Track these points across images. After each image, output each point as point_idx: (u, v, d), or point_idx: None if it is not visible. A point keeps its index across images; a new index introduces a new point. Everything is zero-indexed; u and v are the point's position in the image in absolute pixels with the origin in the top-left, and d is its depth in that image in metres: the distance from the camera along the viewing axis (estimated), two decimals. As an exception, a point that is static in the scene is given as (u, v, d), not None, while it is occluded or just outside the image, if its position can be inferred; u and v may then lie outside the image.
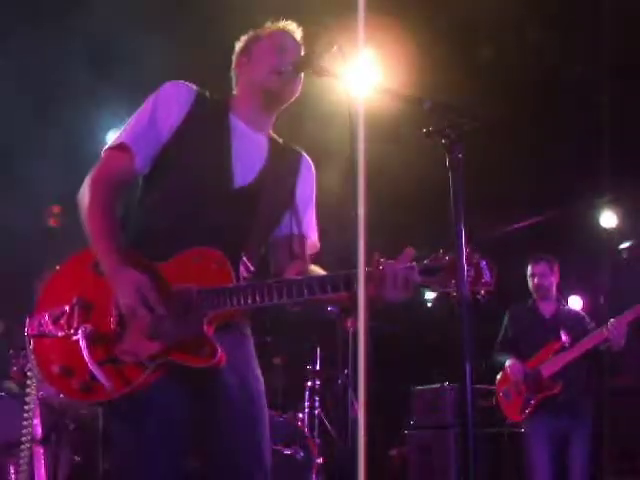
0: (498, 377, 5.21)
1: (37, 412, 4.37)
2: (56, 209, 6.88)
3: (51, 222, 6.89)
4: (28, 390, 4.07)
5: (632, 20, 5.15)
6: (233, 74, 2.52)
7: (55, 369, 2.14)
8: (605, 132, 6.20)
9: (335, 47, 2.28)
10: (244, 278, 2.31)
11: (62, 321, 2.16)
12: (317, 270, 2.40)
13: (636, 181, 6.66)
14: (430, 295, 9.53)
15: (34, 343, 2.20)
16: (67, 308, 2.16)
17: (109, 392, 2.07)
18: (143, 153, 2.28)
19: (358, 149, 2.10)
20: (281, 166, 2.42)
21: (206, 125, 2.32)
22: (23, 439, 4.03)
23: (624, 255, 7.67)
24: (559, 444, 4.93)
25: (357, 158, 2.10)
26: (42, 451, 4.38)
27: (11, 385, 4.98)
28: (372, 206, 2.03)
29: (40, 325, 2.19)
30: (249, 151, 2.36)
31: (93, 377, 2.06)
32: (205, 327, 2.10)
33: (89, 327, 2.12)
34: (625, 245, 7.71)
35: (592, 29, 5.27)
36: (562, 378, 4.91)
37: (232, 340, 2.24)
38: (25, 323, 2.27)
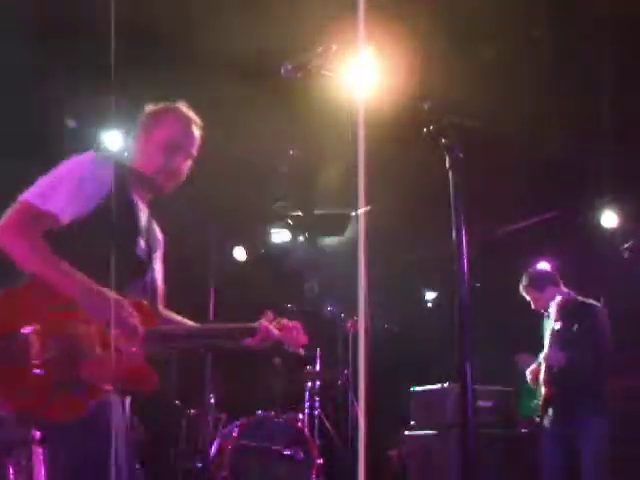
0: None
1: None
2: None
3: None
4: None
5: (633, 20, 5.14)
6: (132, 140, 2.81)
7: None
8: (606, 131, 6.19)
9: (335, 47, 2.28)
10: None
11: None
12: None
13: (636, 181, 6.65)
14: (430, 295, 9.53)
15: None
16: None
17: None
18: (67, 218, 2.51)
19: (359, 149, 2.10)
20: (154, 235, 2.86)
21: (119, 204, 2.59)
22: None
23: (624, 255, 7.67)
24: (567, 445, 4.87)
25: (358, 158, 2.10)
26: (42, 451, 4.37)
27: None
28: (372, 206, 2.03)
29: None
30: (145, 226, 2.78)
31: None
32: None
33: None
34: (625, 245, 7.71)
35: (593, 28, 5.26)
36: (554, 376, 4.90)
37: None
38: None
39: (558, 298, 5.01)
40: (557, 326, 4.97)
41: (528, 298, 5.24)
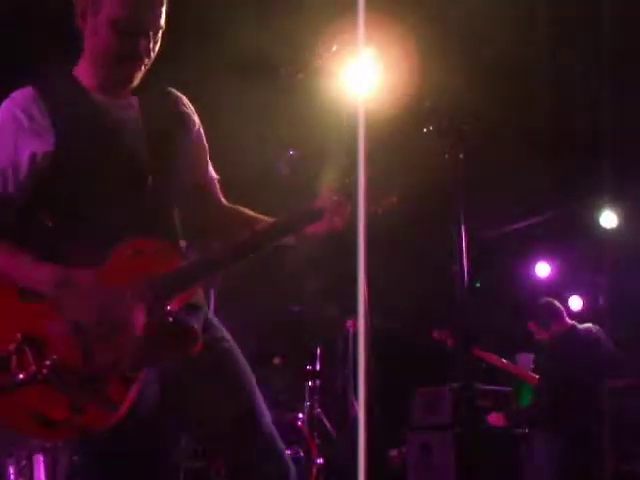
0: None
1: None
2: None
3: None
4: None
5: (633, 20, 5.15)
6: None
7: (28, 420, 1.84)
8: (605, 132, 6.19)
9: (335, 47, 2.28)
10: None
11: (12, 366, 1.83)
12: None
13: (636, 181, 6.66)
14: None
15: None
16: (12, 349, 1.84)
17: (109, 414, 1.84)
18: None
19: (359, 149, 2.10)
20: (163, 119, 2.16)
21: (73, 116, 2.03)
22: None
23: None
24: None
25: (357, 159, 2.10)
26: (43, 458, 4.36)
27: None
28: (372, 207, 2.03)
29: None
30: (125, 124, 2.10)
31: (78, 409, 1.84)
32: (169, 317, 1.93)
33: (55, 358, 1.84)
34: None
35: (594, 29, 5.27)
36: None
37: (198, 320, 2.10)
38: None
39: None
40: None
41: (533, 331, 5.33)
